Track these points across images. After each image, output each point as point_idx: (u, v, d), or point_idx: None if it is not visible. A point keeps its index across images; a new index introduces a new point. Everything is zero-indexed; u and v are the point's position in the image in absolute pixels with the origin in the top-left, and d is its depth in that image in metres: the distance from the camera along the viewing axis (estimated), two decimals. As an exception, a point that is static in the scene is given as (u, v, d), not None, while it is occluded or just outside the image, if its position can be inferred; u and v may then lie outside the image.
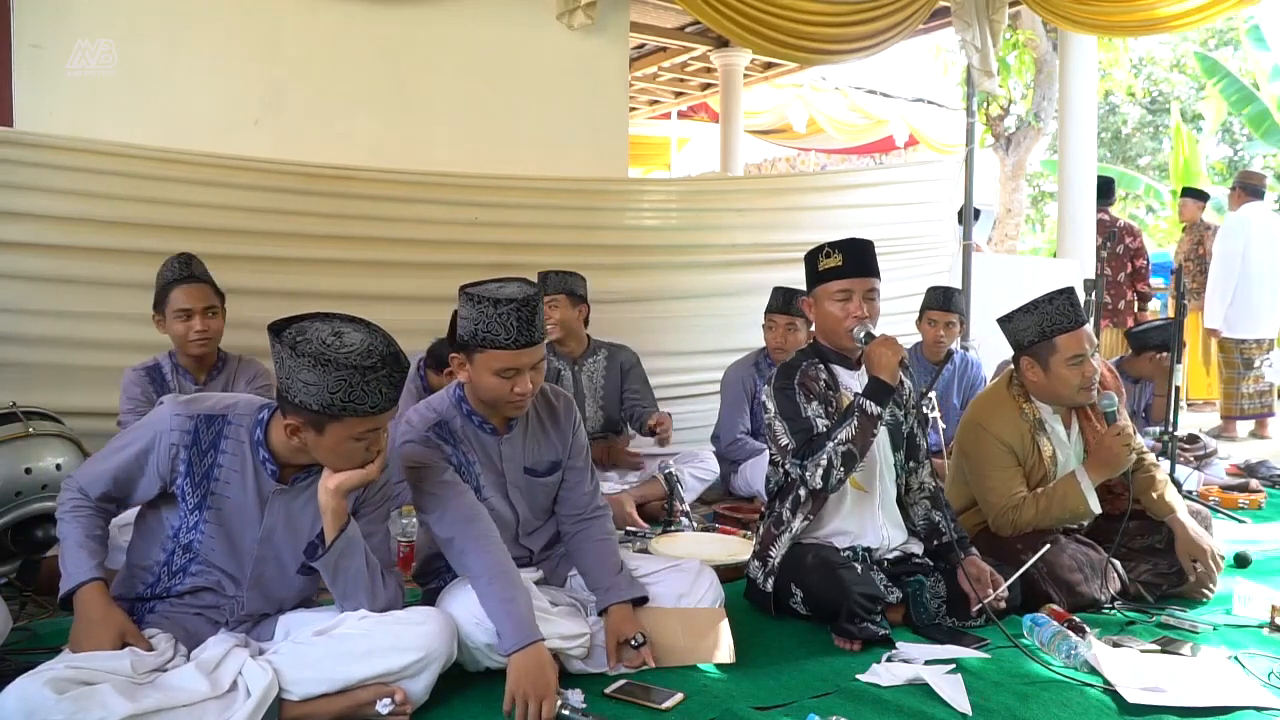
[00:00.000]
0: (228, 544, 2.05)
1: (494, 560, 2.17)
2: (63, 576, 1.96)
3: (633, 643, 2.26)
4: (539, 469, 2.47)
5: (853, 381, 2.70)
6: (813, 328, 2.83)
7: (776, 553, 2.63)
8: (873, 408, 2.49)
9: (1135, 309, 7.08)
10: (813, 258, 2.68)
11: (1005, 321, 2.92)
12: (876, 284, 2.65)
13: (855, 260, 2.62)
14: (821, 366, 2.68)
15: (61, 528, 2.01)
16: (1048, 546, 2.62)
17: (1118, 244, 7.02)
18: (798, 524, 2.62)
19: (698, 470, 4.06)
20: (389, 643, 1.97)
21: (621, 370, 4.14)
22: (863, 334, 2.59)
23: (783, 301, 4.17)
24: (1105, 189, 7.19)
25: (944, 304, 4.40)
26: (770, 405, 2.66)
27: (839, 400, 2.65)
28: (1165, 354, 4.35)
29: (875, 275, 2.65)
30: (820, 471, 2.50)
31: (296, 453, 2.00)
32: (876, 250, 2.69)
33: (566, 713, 2.02)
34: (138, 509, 2.13)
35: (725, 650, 2.36)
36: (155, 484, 2.01)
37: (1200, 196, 7.53)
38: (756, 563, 2.71)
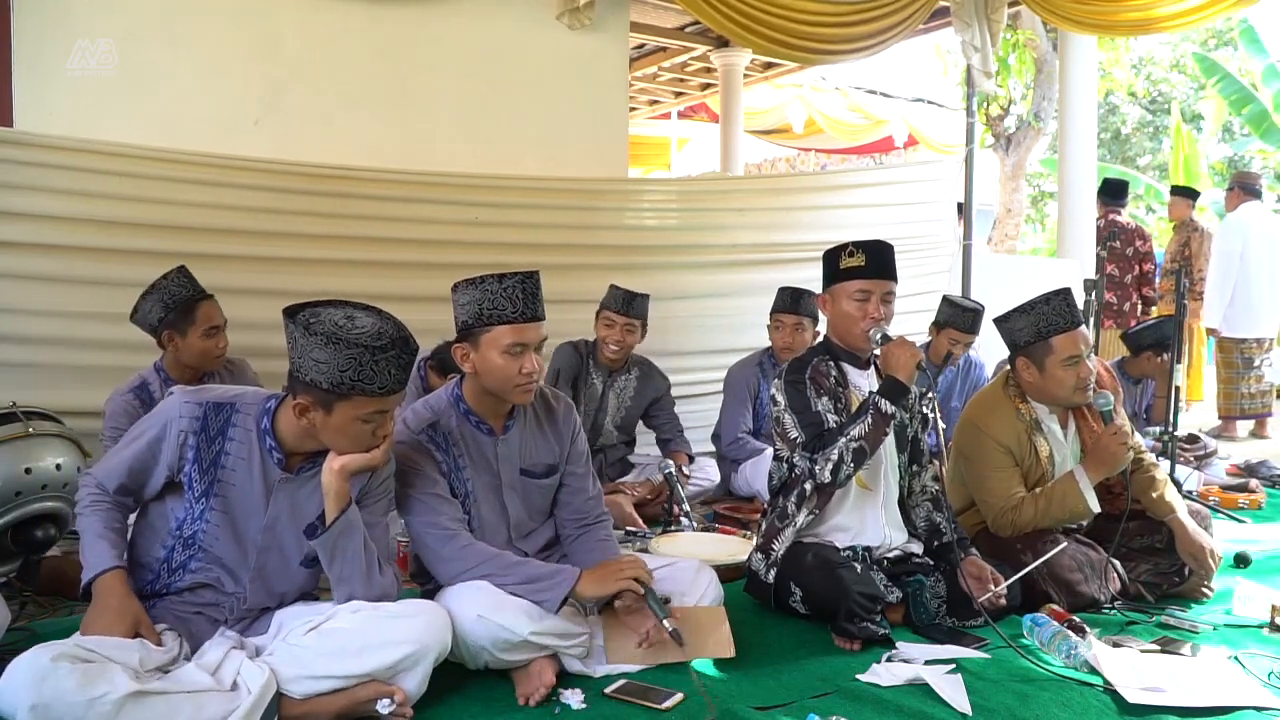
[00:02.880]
0: (232, 533, 2.05)
1: (478, 552, 2.21)
2: (84, 568, 1.97)
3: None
4: (535, 470, 2.46)
5: (862, 380, 2.71)
6: (818, 327, 2.83)
7: (780, 546, 2.64)
8: (888, 407, 2.50)
9: (1139, 311, 7.06)
10: (834, 255, 2.68)
11: (1001, 322, 2.91)
12: (894, 287, 2.66)
13: (877, 262, 2.63)
14: (832, 363, 2.70)
15: (80, 522, 2.02)
16: (1059, 548, 2.62)
17: (1127, 245, 6.99)
18: (802, 518, 2.63)
19: (696, 476, 4.09)
20: (381, 638, 1.97)
21: (650, 397, 4.24)
22: (879, 336, 2.61)
23: (790, 301, 4.17)
24: (1119, 190, 7.17)
25: (970, 327, 4.30)
26: (780, 398, 2.67)
27: (848, 398, 2.66)
28: (1165, 354, 4.34)
29: (894, 279, 2.66)
30: (830, 466, 2.51)
31: (304, 437, 2.02)
32: None
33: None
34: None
35: (726, 646, 2.34)
36: (165, 473, 2.02)
37: (1190, 195, 7.47)
38: (759, 555, 2.71)
